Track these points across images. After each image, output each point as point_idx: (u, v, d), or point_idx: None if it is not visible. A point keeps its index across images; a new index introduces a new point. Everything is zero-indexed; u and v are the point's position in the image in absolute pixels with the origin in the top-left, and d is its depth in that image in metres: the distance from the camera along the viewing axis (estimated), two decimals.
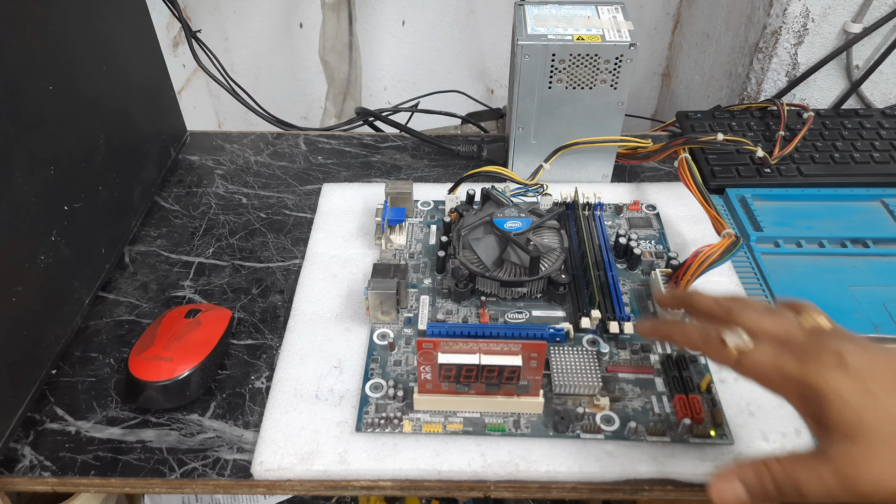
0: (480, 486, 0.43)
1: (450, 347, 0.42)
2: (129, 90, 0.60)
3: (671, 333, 0.40)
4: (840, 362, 0.30)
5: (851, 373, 0.30)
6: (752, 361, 0.34)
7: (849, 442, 0.29)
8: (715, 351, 0.35)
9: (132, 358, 0.47)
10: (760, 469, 0.32)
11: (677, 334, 0.38)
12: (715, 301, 0.38)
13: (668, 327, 0.40)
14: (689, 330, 0.37)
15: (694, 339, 0.36)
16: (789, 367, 0.32)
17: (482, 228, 0.53)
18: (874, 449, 0.29)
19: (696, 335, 0.36)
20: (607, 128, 0.60)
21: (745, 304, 0.37)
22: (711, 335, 0.35)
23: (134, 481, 0.43)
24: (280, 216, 0.63)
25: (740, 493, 0.32)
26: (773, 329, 0.34)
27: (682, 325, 0.39)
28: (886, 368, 0.30)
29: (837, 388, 0.30)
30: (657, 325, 0.41)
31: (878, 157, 0.64)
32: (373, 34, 1.09)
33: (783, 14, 0.69)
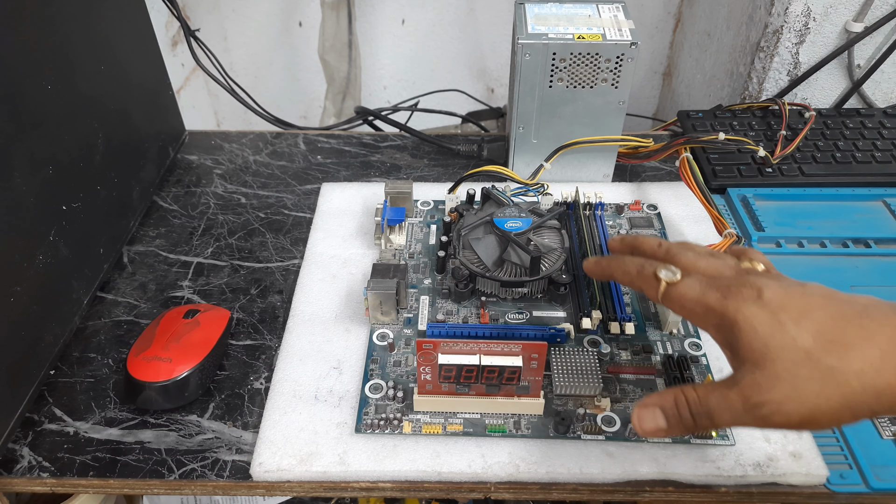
0: (480, 487, 0.42)
1: (450, 348, 0.42)
2: (127, 90, 0.59)
3: (611, 268, 0.41)
4: (758, 295, 0.32)
5: (765, 305, 0.32)
6: (677, 292, 0.35)
7: (756, 369, 0.31)
8: (646, 283, 0.37)
9: (131, 358, 0.46)
10: (678, 395, 0.34)
11: (616, 269, 0.40)
12: (658, 242, 0.40)
13: (608, 262, 0.41)
14: (628, 263, 0.39)
15: (630, 273, 0.38)
16: (711, 300, 0.33)
17: (482, 228, 0.53)
18: (777, 375, 0.30)
19: (633, 268, 0.38)
20: (608, 127, 0.60)
21: (685, 246, 0.39)
22: (646, 268, 0.37)
23: (133, 482, 0.43)
24: (279, 216, 0.63)
25: (661, 422, 0.35)
26: (705, 267, 0.36)
27: (621, 259, 0.40)
28: (799, 302, 0.32)
29: (750, 319, 0.32)
30: (600, 262, 0.42)
31: (879, 157, 0.64)
32: (372, 33, 1.09)
33: (785, 13, 0.69)
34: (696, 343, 0.49)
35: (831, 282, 0.53)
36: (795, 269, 0.55)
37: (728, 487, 0.42)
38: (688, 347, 0.49)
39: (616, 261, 0.41)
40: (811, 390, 0.30)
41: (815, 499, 0.42)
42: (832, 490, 0.41)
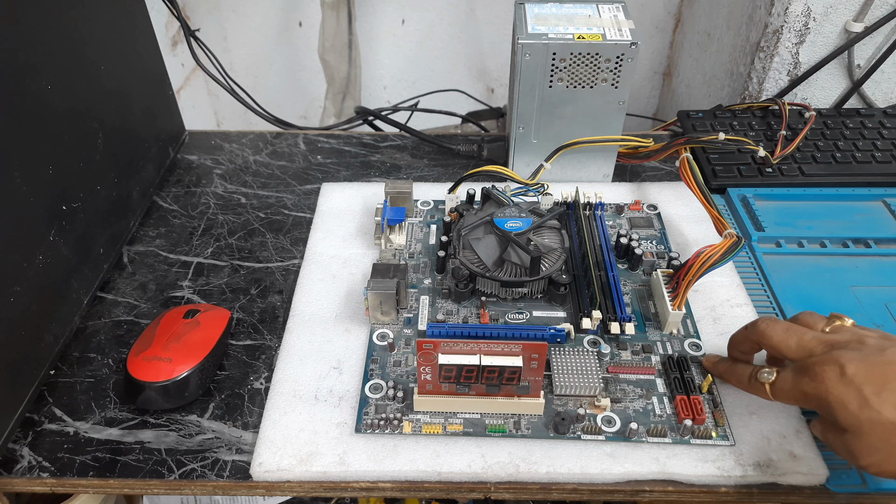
0: (480, 487, 0.42)
1: (450, 348, 0.42)
2: (127, 89, 0.59)
3: (727, 375, 0.45)
4: (841, 373, 0.36)
5: (850, 382, 0.36)
6: (778, 389, 0.40)
7: (855, 439, 0.36)
8: (756, 389, 0.42)
9: (131, 358, 0.46)
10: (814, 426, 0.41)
11: (733, 380, 0.44)
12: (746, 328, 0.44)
13: (724, 368, 0.45)
14: (740, 374, 0.43)
15: (743, 381, 0.43)
16: (805, 388, 0.38)
17: (482, 228, 0.53)
18: (872, 445, 0.35)
19: (745, 378, 0.43)
20: (608, 127, 0.60)
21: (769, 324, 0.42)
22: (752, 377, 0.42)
23: (133, 482, 0.43)
24: (279, 216, 0.63)
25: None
26: (796, 349, 0.40)
27: (735, 367, 0.44)
28: (879, 373, 0.36)
29: (839, 398, 0.36)
30: (718, 368, 0.46)
31: (879, 157, 0.64)
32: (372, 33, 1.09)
33: (784, 13, 0.69)
34: (696, 343, 0.49)
35: (831, 282, 0.54)
36: (795, 269, 0.55)
37: (728, 487, 0.42)
38: (688, 347, 0.49)
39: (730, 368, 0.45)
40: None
41: (815, 499, 0.42)
42: (832, 490, 0.41)
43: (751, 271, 0.55)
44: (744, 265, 0.56)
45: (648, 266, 0.55)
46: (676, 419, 0.44)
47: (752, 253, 0.57)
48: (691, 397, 0.45)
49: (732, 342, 0.45)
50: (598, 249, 0.55)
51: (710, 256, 0.48)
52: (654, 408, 0.45)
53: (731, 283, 0.54)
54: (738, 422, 0.44)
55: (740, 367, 0.44)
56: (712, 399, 0.45)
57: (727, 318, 0.51)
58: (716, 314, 0.51)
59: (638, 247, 0.54)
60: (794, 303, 0.52)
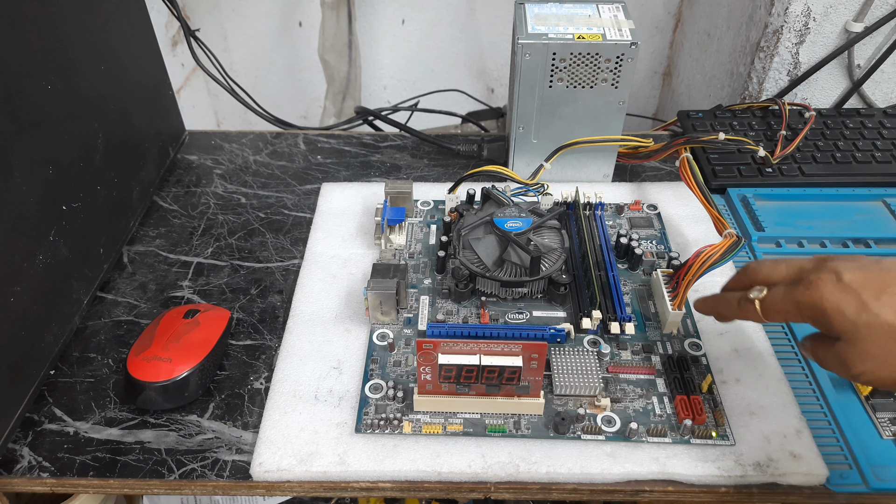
0: (481, 487, 0.42)
1: (450, 348, 0.42)
2: (127, 89, 0.59)
3: (718, 308, 0.44)
4: (838, 279, 0.35)
5: (846, 287, 0.35)
6: (770, 303, 0.38)
7: (849, 345, 0.35)
8: (746, 310, 0.40)
9: (131, 358, 0.46)
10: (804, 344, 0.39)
11: (723, 307, 0.43)
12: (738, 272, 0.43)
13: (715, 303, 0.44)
14: (729, 299, 0.42)
15: (732, 306, 0.41)
16: (798, 296, 0.36)
17: (482, 228, 0.53)
18: (867, 351, 0.34)
19: (734, 302, 0.41)
20: (608, 127, 0.60)
21: (760, 263, 0.41)
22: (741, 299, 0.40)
23: (133, 482, 0.43)
24: (279, 216, 0.63)
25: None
26: (786, 271, 0.39)
27: (724, 298, 0.43)
28: (877, 278, 0.35)
29: (835, 303, 0.35)
30: (707, 302, 0.45)
31: (879, 157, 0.64)
32: (372, 33, 1.09)
33: (784, 13, 0.69)
34: (696, 343, 0.49)
35: None
36: None
37: (728, 487, 0.42)
38: (688, 347, 0.49)
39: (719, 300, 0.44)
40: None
41: (815, 499, 0.42)
42: (832, 490, 0.41)
43: None
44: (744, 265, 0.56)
45: (648, 266, 0.55)
46: (676, 419, 0.44)
47: (752, 253, 0.57)
48: (691, 397, 0.45)
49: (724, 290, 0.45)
50: (598, 249, 0.55)
51: (710, 256, 0.48)
52: (654, 408, 0.45)
53: None
54: (738, 422, 0.44)
55: (728, 294, 0.43)
56: (712, 399, 0.45)
57: None
58: None
59: (638, 247, 0.54)
60: None
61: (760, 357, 0.48)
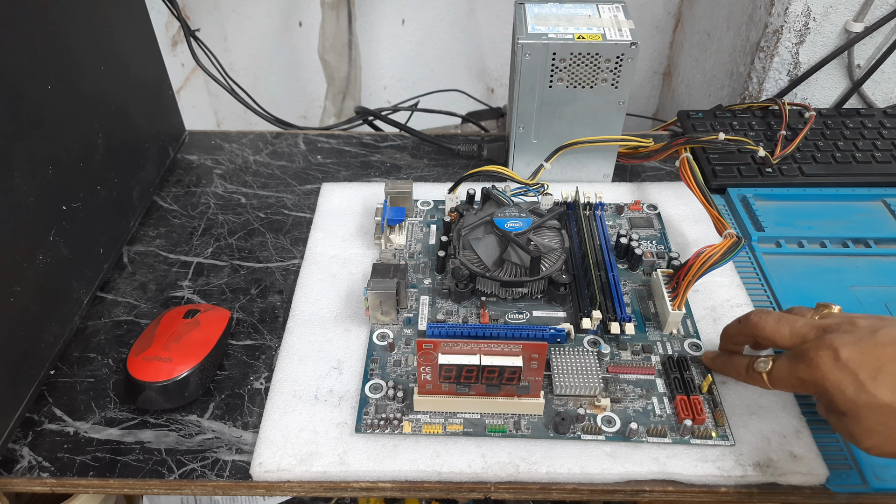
0: (480, 487, 0.42)
1: (450, 348, 0.42)
2: (127, 89, 0.59)
3: (727, 372, 0.45)
4: (836, 358, 0.36)
5: (844, 367, 0.36)
6: (776, 378, 0.40)
7: (854, 422, 0.36)
8: (756, 379, 0.41)
9: (131, 358, 0.46)
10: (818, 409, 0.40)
11: (731, 372, 0.44)
12: (738, 321, 0.44)
13: (724, 366, 0.45)
14: (737, 366, 0.43)
15: (741, 373, 0.43)
16: (802, 374, 0.38)
17: (482, 228, 0.53)
18: (870, 429, 0.35)
19: (742, 369, 0.43)
20: (608, 127, 0.60)
21: (761, 316, 0.42)
22: (749, 367, 0.42)
23: (133, 482, 0.43)
24: (279, 216, 0.63)
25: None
26: (790, 336, 0.40)
27: (730, 360, 0.45)
28: (872, 356, 0.35)
29: (835, 383, 0.36)
30: (716, 362, 0.46)
31: (879, 157, 0.64)
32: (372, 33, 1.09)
33: (784, 13, 0.69)
34: (696, 343, 0.49)
35: (831, 282, 0.54)
36: (795, 269, 0.55)
37: (728, 487, 0.42)
38: (688, 347, 0.49)
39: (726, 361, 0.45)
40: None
41: (815, 499, 0.42)
42: (832, 490, 0.41)
43: (751, 271, 0.55)
44: (744, 265, 0.56)
45: (648, 266, 0.55)
46: (676, 419, 0.44)
47: (752, 253, 0.57)
48: (691, 397, 0.45)
49: (726, 335, 0.46)
50: (598, 249, 0.55)
51: (710, 256, 0.48)
52: (654, 408, 0.45)
53: (731, 283, 0.54)
54: (738, 422, 0.44)
55: (736, 358, 0.44)
56: (712, 399, 0.45)
57: (727, 318, 0.51)
58: (716, 314, 0.51)
59: (638, 247, 0.54)
60: (794, 303, 0.52)
61: None
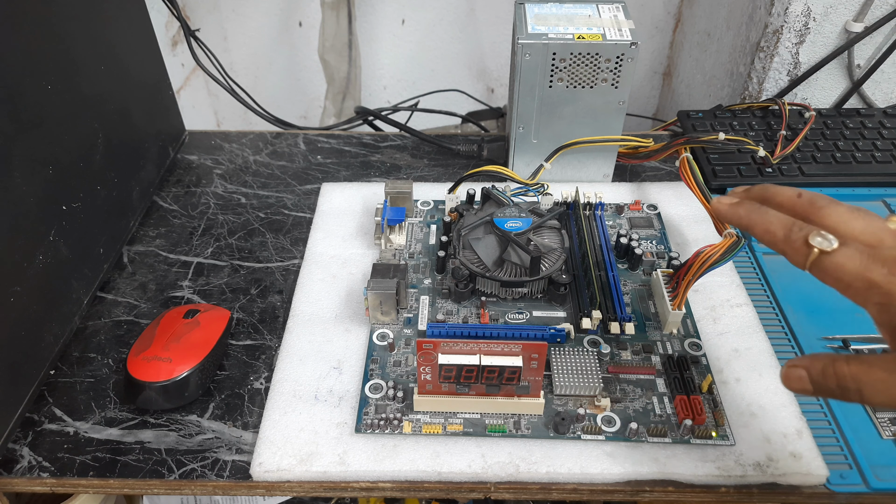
0: (480, 487, 0.42)
1: (450, 348, 0.42)
2: (127, 89, 0.59)
3: (751, 219, 0.35)
4: None
5: None
6: (836, 265, 0.31)
7: None
8: (796, 249, 0.32)
9: (131, 358, 0.46)
10: (827, 367, 0.32)
11: (758, 220, 0.34)
12: (798, 193, 0.34)
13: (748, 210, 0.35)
14: (772, 219, 0.34)
15: (775, 233, 0.33)
16: (876, 275, 0.30)
17: (482, 228, 0.53)
18: None
19: (780, 227, 0.33)
20: (608, 127, 0.60)
21: (832, 201, 0.33)
22: (796, 232, 0.32)
23: (133, 482, 0.43)
24: (279, 216, 0.63)
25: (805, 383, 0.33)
26: (862, 231, 0.32)
27: (765, 212, 0.35)
28: None
29: None
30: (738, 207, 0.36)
31: (879, 157, 0.64)
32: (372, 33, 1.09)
33: (784, 13, 0.69)
34: (696, 343, 0.49)
35: None
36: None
37: (728, 487, 0.42)
38: (688, 347, 0.49)
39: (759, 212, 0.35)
40: None
41: (815, 499, 0.42)
42: (832, 490, 0.41)
43: (751, 271, 0.55)
44: (744, 265, 0.56)
45: (648, 266, 0.55)
46: (676, 419, 0.44)
47: (752, 253, 0.57)
48: (691, 397, 0.45)
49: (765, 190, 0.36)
50: (598, 249, 0.55)
51: (710, 256, 0.48)
52: (654, 408, 0.45)
53: (731, 283, 0.54)
54: (738, 422, 0.44)
55: (774, 213, 0.34)
56: (712, 399, 0.45)
57: (727, 318, 0.51)
58: (716, 314, 0.51)
59: (638, 247, 0.54)
60: (795, 303, 0.52)
61: (760, 357, 0.48)
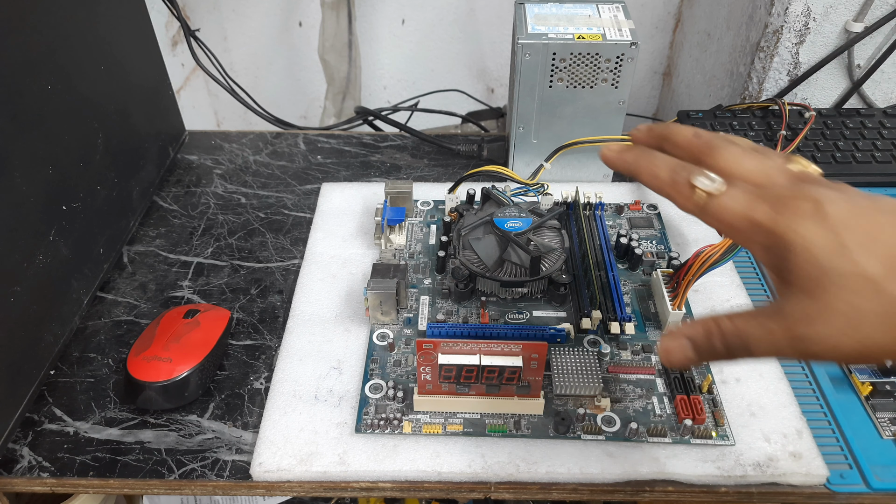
0: (480, 487, 0.42)
1: (450, 348, 0.42)
2: (127, 89, 0.59)
3: (638, 164, 0.33)
4: (817, 211, 0.27)
5: (827, 224, 0.27)
6: (719, 206, 0.29)
7: (807, 298, 0.27)
8: (680, 192, 0.31)
9: (131, 358, 0.46)
10: (710, 326, 0.30)
11: (644, 165, 0.33)
12: (695, 133, 0.33)
13: (635, 155, 0.34)
14: (658, 162, 0.32)
15: (660, 176, 0.32)
16: (760, 215, 0.28)
17: (482, 228, 0.53)
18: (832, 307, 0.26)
19: (665, 170, 0.31)
20: (608, 127, 0.60)
21: (728, 141, 0.32)
22: (680, 174, 0.31)
23: (133, 482, 0.43)
24: (279, 216, 0.63)
25: (688, 351, 0.31)
26: (752, 170, 0.30)
27: (652, 156, 0.33)
28: (869, 220, 0.27)
29: (807, 239, 0.27)
30: (625, 153, 0.34)
31: (879, 157, 0.64)
32: (372, 33, 1.09)
33: (784, 13, 0.69)
34: None
35: None
36: None
37: (728, 487, 0.42)
38: None
39: (645, 156, 0.33)
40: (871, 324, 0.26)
41: (815, 499, 0.42)
42: (832, 490, 0.41)
43: (751, 271, 0.55)
44: (744, 265, 0.56)
45: (648, 266, 0.55)
46: (676, 419, 0.44)
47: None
48: (691, 397, 0.45)
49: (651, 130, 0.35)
50: (598, 249, 0.55)
51: (710, 256, 0.48)
52: (654, 408, 0.45)
53: (731, 283, 0.54)
54: (738, 422, 0.44)
55: (661, 157, 0.32)
56: (712, 399, 0.45)
57: None
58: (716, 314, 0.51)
59: (638, 247, 0.54)
60: None
61: None
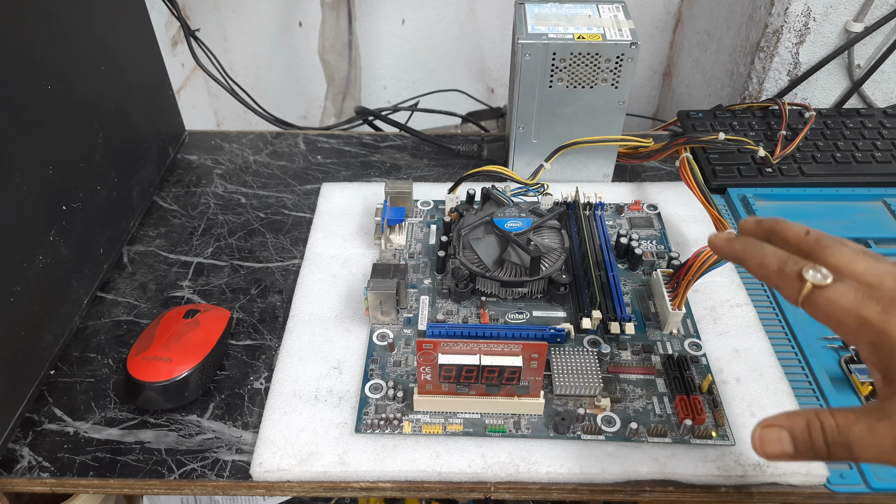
0: (480, 487, 0.42)
1: (450, 348, 0.42)
2: (127, 89, 0.59)
3: (746, 254, 0.34)
4: None
5: None
6: (828, 299, 0.30)
7: None
8: (788, 283, 0.31)
9: (131, 358, 0.46)
10: (812, 421, 0.29)
11: (752, 254, 0.34)
12: (806, 229, 0.34)
13: (743, 245, 0.35)
14: (768, 252, 0.33)
15: (769, 266, 0.32)
16: (869, 313, 0.28)
17: (482, 228, 0.53)
18: None
19: (774, 261, 0.32)
20: (608, 127, 0.60)
21: (839, 242, 0.33)
22: (789, 266, 0.31)
23: (132, 482, 0.43)
24: (279, 216, 0.63)
25: (786, 445, 0.30)
26: (863, 271, 0.31)
27: (761, 247, 0.34)
28: None
29: None
30: (733, 242, 0.35)
31: (879, 157, 0.64)
32: (372, 33, 1.09)
33: (784, 13, 0.69)
34: (696, 343, 0.49)
35: None
36: None
37: (728, 487, 0.42)
38: (688, 347, 0.49)
39: (754, 247, 0.34)
40: None
41: (815, 499, 0.42)
42: (832, 490, 0.41)
43: None
44: None
45: (648, 266, 0.55)
46: (676, 419, 0.44)
47: None
48: (691, 397, 0.45)
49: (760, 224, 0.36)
50: (598, 249, 0.55)
51: (710, 256, 0.48)
52: (654, 408, 0.45)
53: (731, 283, 0.54)
54: (738, 422, 0.44)
55: (769, 248, 0.33)
56: (712, 399, 0.45)
57: (727, 318, 0.51)
58: (716, 314, 0.51)
59: (638, 247, 0.54)
60: None
61: (760, 357, 0.48)
